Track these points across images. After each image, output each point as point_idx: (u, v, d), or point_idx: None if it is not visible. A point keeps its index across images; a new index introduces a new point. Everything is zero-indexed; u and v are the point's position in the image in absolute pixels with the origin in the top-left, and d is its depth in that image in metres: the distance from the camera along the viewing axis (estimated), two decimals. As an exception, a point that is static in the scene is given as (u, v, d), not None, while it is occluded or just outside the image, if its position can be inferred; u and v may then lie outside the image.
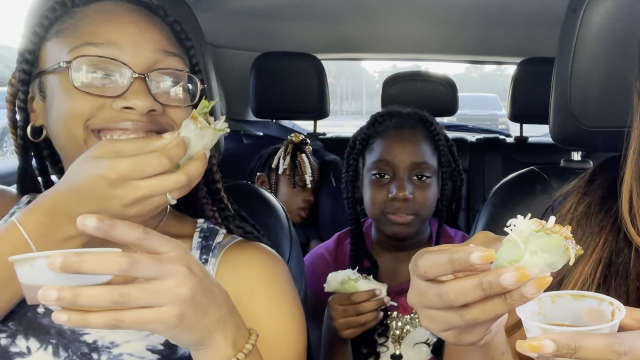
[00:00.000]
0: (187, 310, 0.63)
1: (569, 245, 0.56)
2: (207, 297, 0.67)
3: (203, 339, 0.68)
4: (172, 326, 0.63)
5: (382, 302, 1.33)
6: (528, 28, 2.41)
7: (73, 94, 0.81)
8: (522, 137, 2.70)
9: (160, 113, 0.83)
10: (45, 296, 0.57)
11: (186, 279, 0.63)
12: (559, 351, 0.53)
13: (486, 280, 0.54)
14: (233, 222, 0.98)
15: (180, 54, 0.88)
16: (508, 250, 0.56)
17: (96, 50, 0.81)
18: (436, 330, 0.62)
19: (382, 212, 1.44)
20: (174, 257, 0.64)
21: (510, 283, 0.53)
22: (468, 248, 0.55)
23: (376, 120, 1.52)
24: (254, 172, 2.07)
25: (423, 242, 1.54)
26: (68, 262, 0.57)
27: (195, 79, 0.88)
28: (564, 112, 1.07)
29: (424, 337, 1.43)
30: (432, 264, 0.58)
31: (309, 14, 2.42)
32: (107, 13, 0.85)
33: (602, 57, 1.00)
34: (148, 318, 0.61)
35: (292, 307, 0.92)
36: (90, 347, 0.82)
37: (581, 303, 0.61)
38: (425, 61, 3.93)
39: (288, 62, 2.46)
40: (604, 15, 0.99)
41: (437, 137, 1.48)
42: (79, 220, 0.58)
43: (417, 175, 1.44)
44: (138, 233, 0.61)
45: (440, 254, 0.57)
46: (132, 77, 0.81)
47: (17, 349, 0.81)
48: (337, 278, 1.35)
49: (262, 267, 0.92)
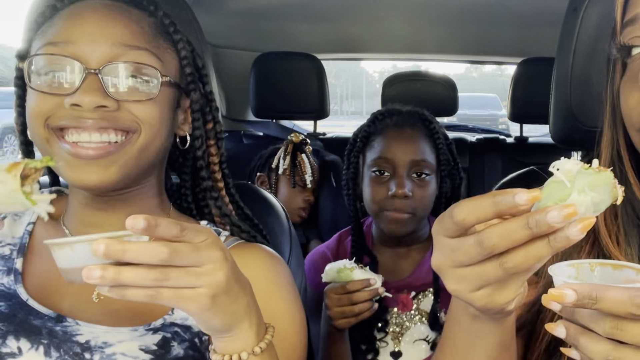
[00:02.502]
0: (220, 293, 0.66)
1: (616, 184, 0.54)
2: (238, 284, 0.69)
3: (230, 325, 0.70)
4: (205, 308, 0.65)
5: (376, 293, 1.34)
6: (528, 28, 2.41)
7: (32, 94, 0.83)
8: (522, 137, 2.70)
9: (114, 109, 0.81)
10: (89, 275, 0.59)
11: (222, 264, 0.66)
12: (579, 300, 0.52)
13: (533, 219, 0.52)
14: (230, 221, 0.98)
15: (151, 47, 0.85)
16: (553, 190, 0.54)
17: (52, 49, 0.82)
18: (467, 290, 0.58)
19: (381, 209, 1.46)
20: (210, 244, 0.65)
21: (558, 220, 0.51)
22: (511, 190, 0.53)
23: (376, 118, 1.54)
24: (254, 172, 2.07)
25: (422, 240, 1.55)
26: (111, 249, 0.59)
27: (158, 72, 0.84)
28: (564, 112, 1.07)
29: (424, 334, 1.44)
30: (473, 208, 0.55)
31: (309, 14, 2.42)
32: (75, 12, 0.85)
33: (602, 56, 1.00)
34: (185, 295, 0.64)
35: (291, 308, 0.92)
36: (83, 347, 0.81)
37: (620, 273, 0.60)
38: (425, 61, 3.94)
39: (288, 62, 2.45)
40: (604, 14, 0.99)
41: (436, 136, 1.49)
42: (128, 222, 0.60)
43: (416, 172, 1.45)
44: (176, 231, 0.63)
45: (482, 198, 0.54)
46: (84, 73, 0.80)
47: (8, 349, 0.81)
48: (334, 267, 1.36)
49: (261, 268, 0.91)
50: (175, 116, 0.92)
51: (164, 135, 0.87)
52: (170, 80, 0.87)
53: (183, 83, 0.92)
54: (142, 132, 0.83)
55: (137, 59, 0.83)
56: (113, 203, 0.89)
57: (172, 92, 0.89)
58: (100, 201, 0.89)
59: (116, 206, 0.90)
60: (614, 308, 0.52)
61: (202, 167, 0.96)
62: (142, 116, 0.83)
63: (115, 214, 0.90)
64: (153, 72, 0.84)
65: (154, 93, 0.84)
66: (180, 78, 0.91)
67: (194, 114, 0.94)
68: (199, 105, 0.94)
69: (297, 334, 0.91)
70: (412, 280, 1.49)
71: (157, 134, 0.85)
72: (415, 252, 1.54)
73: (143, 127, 0.83)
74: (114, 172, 0.82)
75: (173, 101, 0.89)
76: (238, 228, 0.97)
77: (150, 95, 0.84)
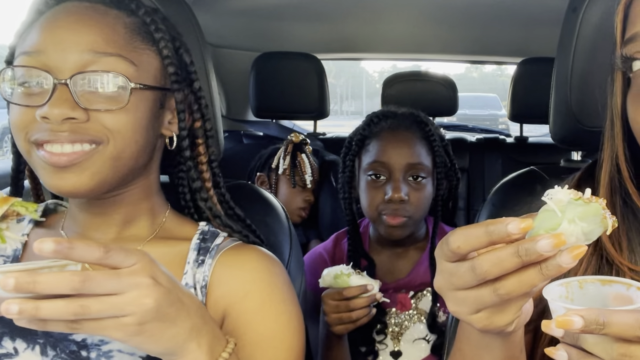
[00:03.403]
0: (150, 320, 0.64)
1: (607, 215, 0.55)
2: (175, 307, 0.68)
3: (173, 349, 0.69)
4: (132, 334, 0.64)
5: (373, 299, 1.33)
6: (528, 28, 2.41)
7: (12, 107, 0.82)
8: (522, 137, 2.70)
9: (83, 121, 0.79)
10: (7, 309, 0.59)
11: (150, 290, 0.64)
12: (587, 327, 0.52)
13: (522, 248, 0.53)
14: (221, 222, 0.96)
15: (125, 52, 0.82)
16: (545, 219, 0.55)
17: (25, 59, 0.81)
18: (466, 313, 0.60)
19: (378, 213, 1.46)
20: (136, 270, 0.64)
21: (547, 249, 0.52)
22: (504, 219, 0.54)
23: (372, 121, 1.53)
24: (254, 172, 2.07)
25: (419, 240, 1.55)
26: (21, 282, 0.59)
27: (127, 80, 0.81)
28: (564, 112, 1.07)
29: (423, 334, 1.45)
30: (467, 237, 0.56)
31: (309, 14, 2.42)
32: (51, 18, 0.83)
33: (602, 56, 1.00)
34: (107, 325, 0.63)
35: (288, 309, 0.91)
36: (79, 345, 0.81)
37: (609, 288, 0.60)
38: (425, 61, 3.94)
39: (288, 62, 2.45)
40: (604, 14, 0.98)
41: (432, 138, 1.49)
42: (35, 245, 0.59)
43: (412, 176, 1.45)
44: (99, 253, 0.62)
45: (475, 227, 0.56)
46: (53, 85, 0.78)
47: (4, 350, 0.81)
48: (331, 273, 1.35)
49: (257, 270, 0.91)
50: (160, 117, 0.89)
51: (139, 140, 0.84)
52: (144, 85, 0.84)
53: (166, 83, 0.89)
54: (111, 141, 0.81)
55: (107, 66, 0.80)
56: (107, 206, 0.89)
57: (150, 95, 0.86)
58: (95, 205, 0.89)
59: (110, 209, 0.89)
60: (622, 332, 0.52)
61: (190, 168, 0.95)
62: (112, 126, 0.80)
63: (111, 216, 0.90)
64: (123, 80, 0.81)
65: (124, 102, 0.81)
66: (163, 78, 0.89)
67: (180, 115, 0.91)
68: (185, 105, 0.92)
69: (293, 335, 0.90)
70: (410, 280, 1.49)
71: (130, 142, 0.83)
72: (412, 252, 1.54)
73: (112, 137, 0.81)
74: (88, 178, 0.81)
75: (153, 104, 0.86)
76: (230, 229, 0.96)
77: (120, 104, 0.81)
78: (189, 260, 0.89)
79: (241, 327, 0.86)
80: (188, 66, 0.93)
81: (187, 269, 0.88)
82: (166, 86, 0.89)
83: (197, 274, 0.88)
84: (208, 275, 0.88)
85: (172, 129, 0.92)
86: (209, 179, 0.97)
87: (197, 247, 0.91)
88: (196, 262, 0.89)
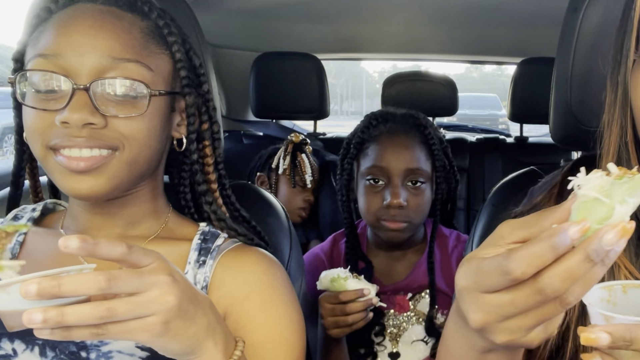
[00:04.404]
0: (173, 318, 0.64)
1: None
2: (193, 305, 0.67)
3: (193, 348, 0.68)
4: (158, 335, 0.63)
5: (370, 303, 1.32)
6: (528, 28, 2.41)
7: (27, 110, 0.81)
8: (522, 137, 2.70)
9: (101, 127, 0.79)
10: (30, 319, 0.56)
11: (171, 287, 0.63)
12: (614, 343, 0.51)
13: (592, 250, 0.48)
14: (226, 225, 0.96)
15: (141, 57, 0.82)
16: (591, 210, 0.50)
17: (42, 63, 0.80)
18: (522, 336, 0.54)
19: (377, 219, 1.45)
20: (155, 268, 0.63)
21: (615, 241, 0.48)
22: (558, 228, 0.49)
23: (370, 123, 1.51)
24: (254, 172, 2.07)
25: (418, 242, 1.55)
26: (45, 287, 0.56)
27: (146, 87, 0.81)
28: (564, 112, 1.07)
29: (421, 335, 1.44)
30: (530, 259, 0.50)
31: (309, 14, 2.42)
32: (65, 20, 0.82)
33: (602, 56, 1.00)
34: (134, 327, 0.61)
35: (289, 311, 0.91)
36: (79, 346, 0.81)
37: None
38: (425, 61, 3.94)
39: (288, 62, 2.45)
40: (605, 14, 0.98)
41: (431, 142, 1.47)
42: (61, 242, 0.57)
43: (411, 181, 1.44)
44: (122, 249, 0.61)
45: (535, 245, 0.50)
46: (72, 89, 0.78)
47: (3, 351, 0.81)
48: (328, 276, 1.35)
49: (257, 272, 0.91)
50: (170, 120, 0.90)
51: (153, 145, 0.85)
52: (160, 92, 0.84)
53: (177, 87, 0.90)
54: (127, 147, 0.81)
55: (126, 73, 0.80)
56: (110, 207, 0.89)
57: (164, 100, 0.86)
58: (101, 205, 0.89)
59: (113, 209, 0.90)
60: None
61: (196, 171, 0.95)
62: (128, 132, 0.81)
63: (113, 217, 0.90)
64: (142, 87, 0.81)
65: (142, 109, 0.81)
66: (174, 81, 0.89)
67: (189, 118, 0.92)
68: (194, 108, 0.92)
69: (294, 336, 0.90)
70: (408, 282, 1.49)
71: (144, 147, 0.83)
72: (410, 255, 1.53)
73: (127, 142, 0.81)
74: (104, 182, 0.81)
75: (166, 108, 0.87)
76: (234, 232, 0.96)
77: (139, 111, 0.81)
78: (190, 261, 0.89)
79: (242, 329, 0.86)
80: (197, 69, 0.94)
81: (187, 269, 0.88)
82: (177, 89, 0.90)
83: (197, 275, 0.88)
84: (209, 276, 0.88)
85: (180, 131, 0.93)
86: (214, 181, 0.97)
87: (198, 248, 0.91)
88: (197, 263, 0.89)
